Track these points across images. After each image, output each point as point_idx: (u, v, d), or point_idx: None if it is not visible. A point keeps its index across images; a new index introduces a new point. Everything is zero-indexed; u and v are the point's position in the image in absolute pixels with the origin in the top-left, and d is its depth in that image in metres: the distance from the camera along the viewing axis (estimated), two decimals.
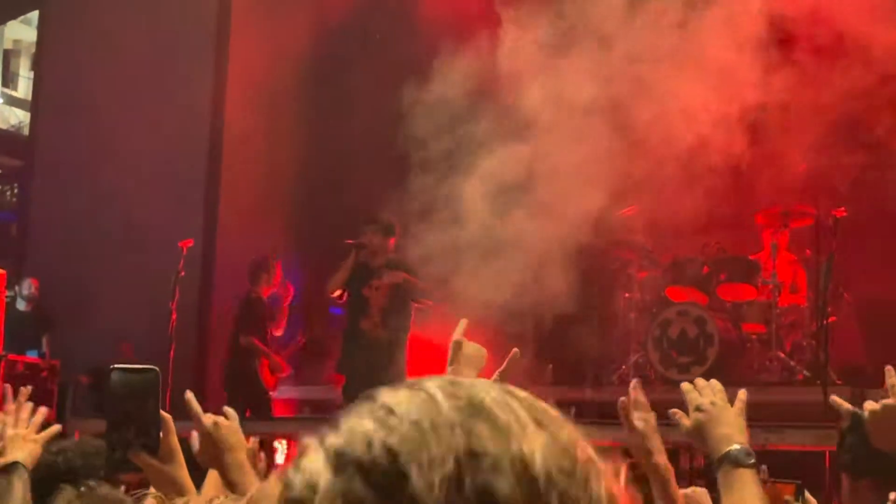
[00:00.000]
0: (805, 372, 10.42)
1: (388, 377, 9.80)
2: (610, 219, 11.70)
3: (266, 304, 11.77)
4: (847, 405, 3.72)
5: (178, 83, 13.63)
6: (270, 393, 12.11)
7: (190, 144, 13.65)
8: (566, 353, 12.25)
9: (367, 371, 9.81)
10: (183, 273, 10.68)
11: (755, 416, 8.32)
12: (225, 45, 13.92)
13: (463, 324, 3.65)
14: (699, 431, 3.23)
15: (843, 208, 10.12)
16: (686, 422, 3.26)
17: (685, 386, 3.36)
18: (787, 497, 8.90)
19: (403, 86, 14.14)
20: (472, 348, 3.64)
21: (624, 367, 11.39)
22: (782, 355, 10.80)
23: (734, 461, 3.06)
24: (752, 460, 3.11)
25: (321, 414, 11.32)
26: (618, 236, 11.71)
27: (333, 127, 13.88)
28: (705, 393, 3.34)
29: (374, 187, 13.38)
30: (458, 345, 3.57)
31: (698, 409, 3.27)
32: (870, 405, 3.28)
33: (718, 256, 11.16)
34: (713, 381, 3.35)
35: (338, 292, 10.36)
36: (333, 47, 14.01)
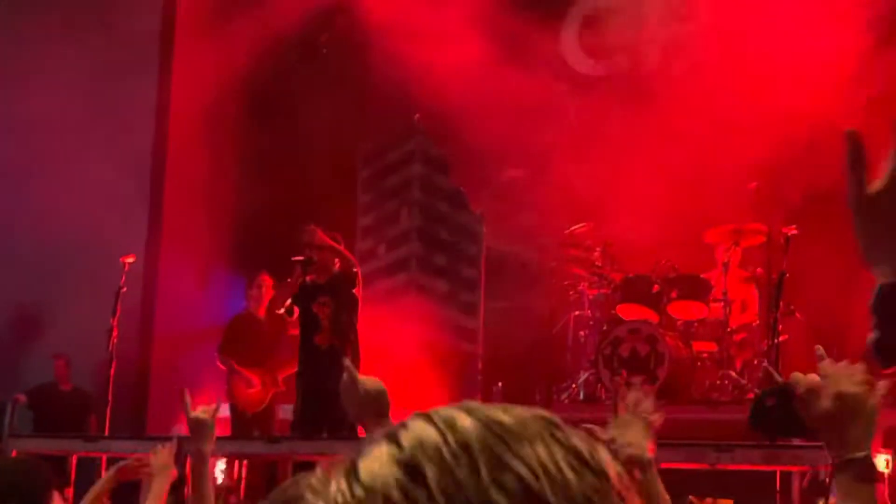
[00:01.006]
0: (756, 390, 10.48)
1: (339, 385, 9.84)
2: (560, 236, 11.80)
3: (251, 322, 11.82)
4: (778, 377, 3.71)
5: (122, 98, 13.58)
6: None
7: (133, 160, 13.60)
8: (516, 372, 12.31)
9: (324, 385, 9.79)
10: (125, 289, 10.64)
11: (709, 436, 8.42)
12: (168, 61, 13.90)
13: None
14: (831, 421, 2.82)
15: (794, 226, 10.23)
16: (824, 403, 2.82)
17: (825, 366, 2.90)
18: None
19: (349, 100, 14.23)
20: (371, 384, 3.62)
21: (574, 385, 11.41)
22: (733, 374, 10.88)
23: (858, 474, 2.76)
24: (876, 475, 2.84)
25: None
26: (569, 253, 11.77)
27: (279, 143, 13.88)
28: (851, 380, 2.87)
29: (321, 203, 13.41)
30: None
31: (840, 396, 2.82)
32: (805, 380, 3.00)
33: (669, 274, 11.20)
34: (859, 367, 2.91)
35: (284, 310, 10.37)
36: (278, 62, 14.03)
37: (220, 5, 13.90)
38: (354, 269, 10.14)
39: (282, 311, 10.50)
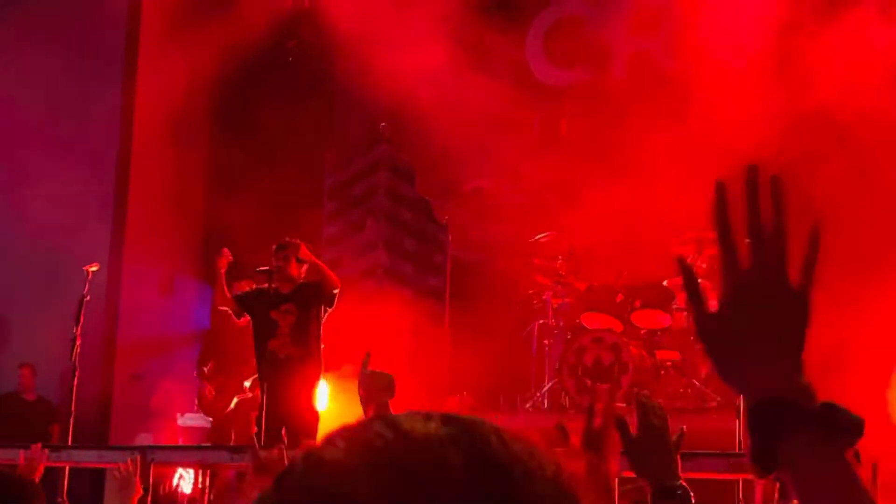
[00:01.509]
0: (718, 398, 10.57)
1: (297, 403, 9.86)
2: (525, 245, 11.86)
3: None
4: None
5: (85, 105, 13.56)
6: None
7: (97, 168, 13.57)
8: (481, 380, 12.34)
9: (279, 389, 9.83)
10: (88, 297, 10.61)
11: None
12: (133, 67, 13.87)
13: (368, 356, 3.72)
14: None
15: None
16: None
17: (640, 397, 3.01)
18: None
19: (314, 108, 14.25)
20: (381, 376, 3.72)
21: (538, 394, 11.45)
22: (697, 383, 10.95)
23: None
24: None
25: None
26: (533, 263, 11.82)
27: (245, 150, 13.89)
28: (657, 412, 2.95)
29: (287, 210, 13.43)
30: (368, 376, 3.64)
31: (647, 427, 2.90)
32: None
33: (633, 284, 11.26)
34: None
35: (240, 316, 10.33)
36: (244, 69, 14.03)
37: (187, 12, 13.87)
38: (334, 290, 10.11)
39: (225, 308, 10.44)
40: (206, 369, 11.74)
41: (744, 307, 1.46)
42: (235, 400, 11.85)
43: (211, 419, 12.48)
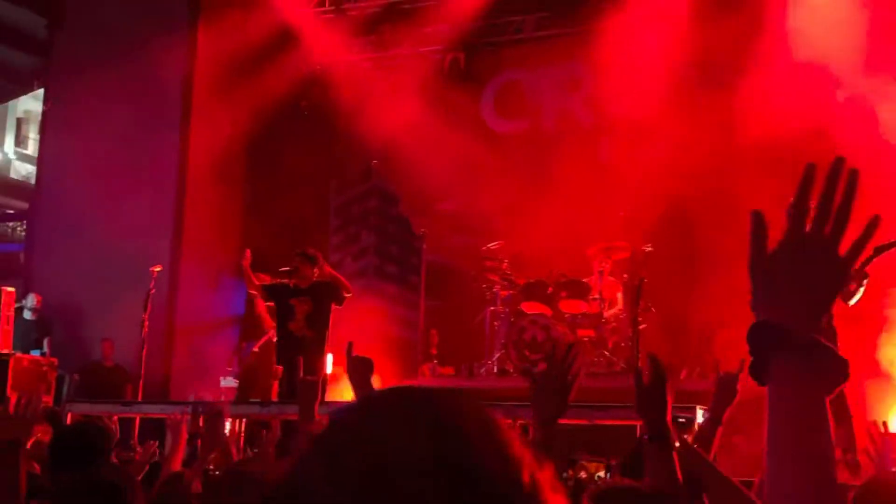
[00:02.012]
0: (622, 364, 10.64)
1: (313, 368, 9.84)
2: (480, 251, 11.88)
3: None
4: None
5: (153, 148, 13.58)
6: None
7: (162, 195, 13.58)
8: (447, 354, 12.37)
9: (294, 366, 9.79)
10: (154, 291, 10.61)
11: (587, 399, 8.48)
12: (188, 120, 13.85)
13: (350, 344, 3.67)
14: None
15: (650, 245, 10.42)
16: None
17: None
18: (599, 473, 9.06)
19: (322, 150, 14.26)
20: (363, 359, 3.68)
21: (490, 362, 11.45)
22: (606, 353, 10.98)
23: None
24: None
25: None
26: (486, 264, 11.84)
27: (272, 180, 13.91)
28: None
29: (304, 225, 13.46)
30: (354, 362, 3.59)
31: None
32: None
33: (560, 280, 11.26)
34: None
35: (264, 296, 10.29)
36: (271, 120, 14.03)
37: (228, 78, 13.86)
38: (346, 294, 10.07)
39: (254, 292, 10.40)
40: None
41: (794, 258, 1.36)
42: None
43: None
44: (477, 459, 0.88)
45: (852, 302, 7.58)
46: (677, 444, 2.74)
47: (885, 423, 3.84)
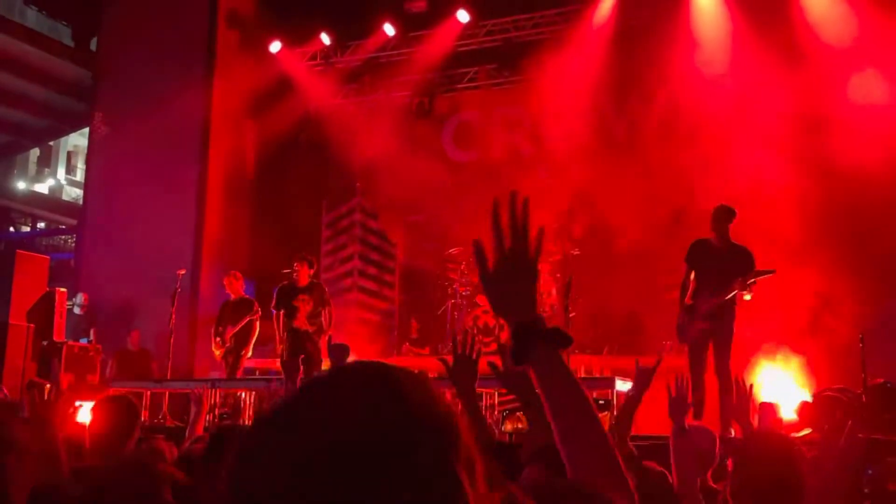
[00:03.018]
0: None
1: (313, 357, 9.75)
2: (443, 255, 11.89)
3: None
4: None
5: (177, 171, 13.47)
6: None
7: (186, 211, 13.48)
8: (418, 337, 12.36)
9: (298, 352, 9.72)
10: (179, 289, 10.52)
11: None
12: (206, 148, 13.79)
13: (330, 337, 3.66)
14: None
15: (577, 250, 10.45)
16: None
17: None
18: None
19: (316, 174, 14.19)
20: (341, 346, 3.65)
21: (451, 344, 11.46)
22: None
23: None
24: None
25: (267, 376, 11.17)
26: (448, 266, 11.85)
27: (275, 199, 13.82)
28: None
29: (300, 236, 13.37)
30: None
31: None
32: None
33: None
34: None
35: (280, 312, 10.18)
36: (274, 150, 13.99)
37: (238, 115, 13.80)
38: (327, 296, 10.07)
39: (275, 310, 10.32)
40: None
41: (503, 271, 1.47)
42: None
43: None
44: (410, 421, 0.90)
45: (748, 297, 7.64)
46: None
47: (751, 385, 3.79)
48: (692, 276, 7.93)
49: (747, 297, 7.54)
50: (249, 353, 10.59)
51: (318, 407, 0.90)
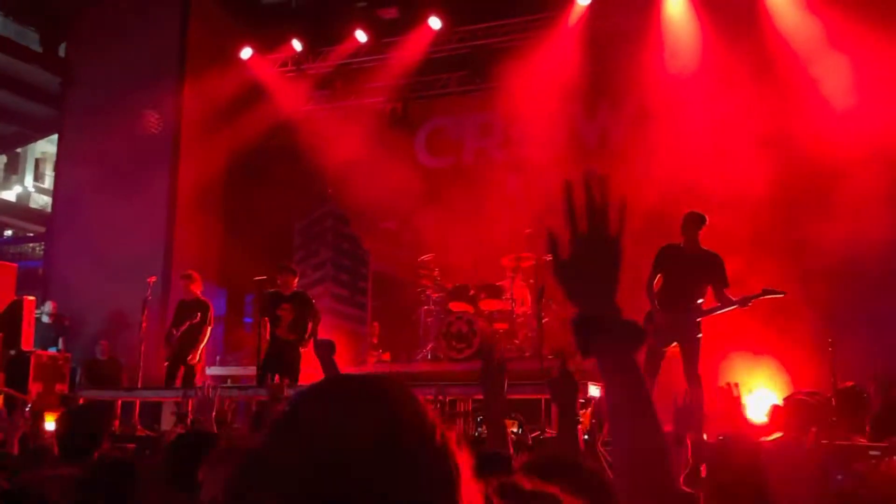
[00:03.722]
0: (530, 351, 10.65)
1: (294, 366, 9.68)
2: (415, 261, 11.86)
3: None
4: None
5: (149, 180, 13.33)
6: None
7: (155, 219, 13.34)
8: (390, 344, 12.31)
9: (280, 360, 9.67)
10: (150, 297, 10.42)
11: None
12: (177, 155, 13.67)
13: (316, 334, 3.67)
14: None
15: (550, 255, 10.45)
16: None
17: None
18: (513, 429, 9.08)
19: (287, 180, 14.13)
20: (327, 342, 3.64)
21: (424, 350, 11.41)
22: (517, 342, 11.00)
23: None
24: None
25: (240, 384, 11.08)
26: (420, 272, 11.82)
27: (246, 207, 13.74)
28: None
29: (272, 243, 13.29)
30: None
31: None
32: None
33: (479, 283, 11.27)
34: None
35: (263, 321, 10.10)
36: (245, 157, 13.93)
37: (209, 122, 13.70)
38: (316, 307, 10.04)
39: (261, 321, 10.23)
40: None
41: (581, 256, 1.40)
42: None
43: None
44: (400, 427, 0.96)
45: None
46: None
47: (737, 385, 3.81)
48: (657, 279, 7.98)
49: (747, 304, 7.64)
50: (196, 359, 10.38)
51: (312, 423, 0.96)
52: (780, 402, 7.52)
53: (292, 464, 0.93)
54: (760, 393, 9.37)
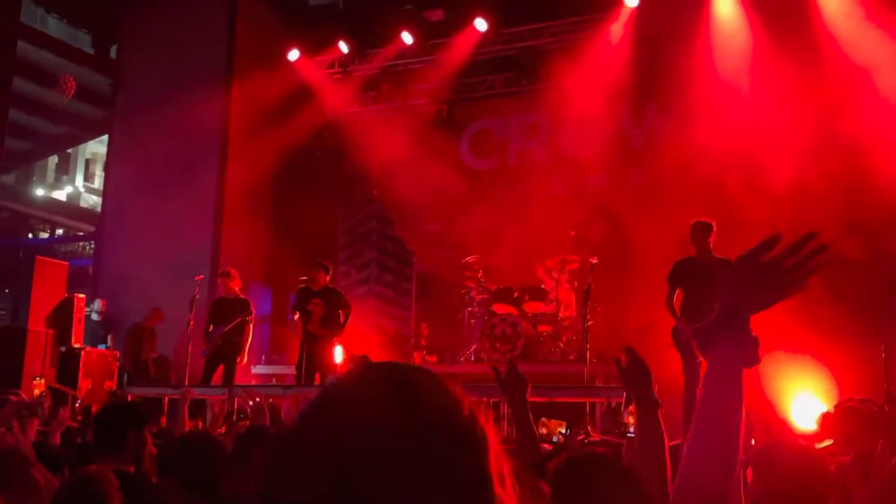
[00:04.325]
0: (574, 354, 10.62)
1: (325, 361, 9.80)
2: (460, 263, 11.90)
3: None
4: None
5: (198, 181, 13.53)
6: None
7: (204, 220, 13.56)
8: (434, 345, 12.35)
9: (311, 355, 9.78)
10: (198, 296, 10.56)
11: (546, 382, 8.47)
12: (225, 155, 13.88)
13: (352, 355, 3.71)
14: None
15: (595, 257, 10.42)
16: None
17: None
18: (560, 429, 9.09)
19: (333, 182, 14.26)
20: (362, 357, 3.71)
21: (468, 352, 11.43)
22: (561, 345, 10.96)
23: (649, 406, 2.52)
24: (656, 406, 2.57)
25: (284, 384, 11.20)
26: (465, 274, 11.85)
27: (292, 207, 13.87)
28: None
29: (317, 243, 13.42)
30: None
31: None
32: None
33: (524, 286, 11.27)
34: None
35: (295, 316, 10.20)
36: (292, 160, 14.07)
37: (257, 124, 13.88)
38: (346, 298, 10.08)
39: (295, 316, 10.31)
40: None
41: (770, 270, 1.41)
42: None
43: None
44: (427, 401, 0.97)
45: None
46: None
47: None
48: (677, 294, 7.92)
49: None
50: (244, 360, 10.35)
51: (342, 414, 0.97)
52: (828, 409, 7.41)
53: (322, 446, 0.94)
54: (805, 399, 9.23)
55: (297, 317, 10.10)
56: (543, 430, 8.26)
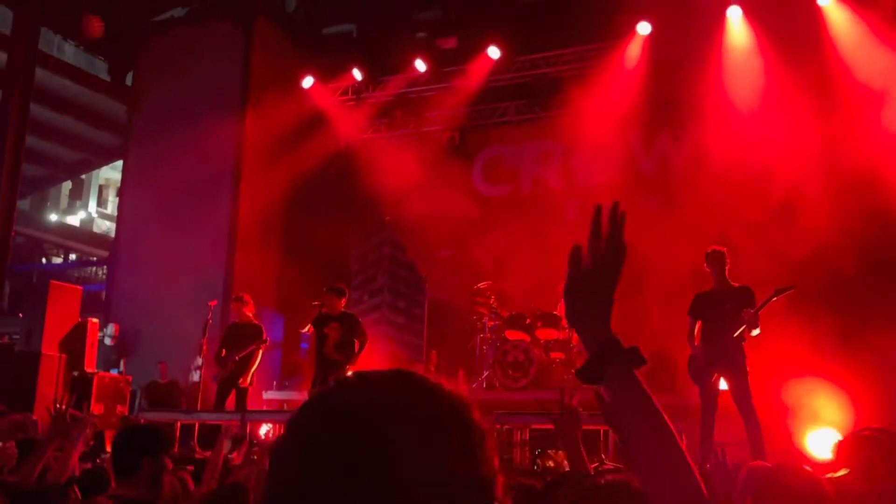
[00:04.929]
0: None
1: None
2: (472, 289, 11.90)
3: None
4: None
5: (212, 206, 13.64)
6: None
7: (217, 244, 13.65)
8: (445, 371, 12.33)
9: (326, 382, 9.78)
10: (210, 321, 10.60)
11: (559, 409, 8.38)
12: (238, 181, 14.00)
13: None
14: None
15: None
16: None
17: None
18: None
19: (345, 207, 14.33)
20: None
21: (480, 378, 11.40)
22: (574, 372, 10.94)
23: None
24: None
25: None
26: (477, 300, 11.84)
27: (304, 234, 13.94)
28: None
29: (329, 269, 13.46)
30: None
31: None
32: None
33: (536, 312, 11.23)
34: None
35: (307, 328, 10.19)
36: (304, 184, 14.15)
37: (270, 149, 13.98)
38: (363, 327, 10.05)
39: (305, 330, 10.30)
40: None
41: (586, 281, 1.46)
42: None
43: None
44: (422, 398, 1.01)
45: (755, 333, 7.53)
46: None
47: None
48: (698, 326, 7.90)
49: (755, 332, 7.45)
50: (248, 382, 10.27)
51: (340, 403, 1.05)
52: (842, 437, 7.35)
53: (322, 443, 0.98)
54: (822, 429, 9.14)
55: (310, 330, 10.04)
56: (551, 463, 8.19)
